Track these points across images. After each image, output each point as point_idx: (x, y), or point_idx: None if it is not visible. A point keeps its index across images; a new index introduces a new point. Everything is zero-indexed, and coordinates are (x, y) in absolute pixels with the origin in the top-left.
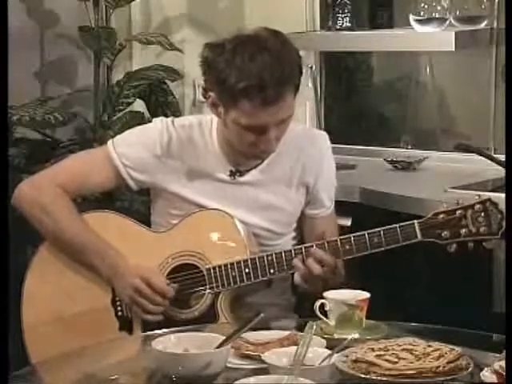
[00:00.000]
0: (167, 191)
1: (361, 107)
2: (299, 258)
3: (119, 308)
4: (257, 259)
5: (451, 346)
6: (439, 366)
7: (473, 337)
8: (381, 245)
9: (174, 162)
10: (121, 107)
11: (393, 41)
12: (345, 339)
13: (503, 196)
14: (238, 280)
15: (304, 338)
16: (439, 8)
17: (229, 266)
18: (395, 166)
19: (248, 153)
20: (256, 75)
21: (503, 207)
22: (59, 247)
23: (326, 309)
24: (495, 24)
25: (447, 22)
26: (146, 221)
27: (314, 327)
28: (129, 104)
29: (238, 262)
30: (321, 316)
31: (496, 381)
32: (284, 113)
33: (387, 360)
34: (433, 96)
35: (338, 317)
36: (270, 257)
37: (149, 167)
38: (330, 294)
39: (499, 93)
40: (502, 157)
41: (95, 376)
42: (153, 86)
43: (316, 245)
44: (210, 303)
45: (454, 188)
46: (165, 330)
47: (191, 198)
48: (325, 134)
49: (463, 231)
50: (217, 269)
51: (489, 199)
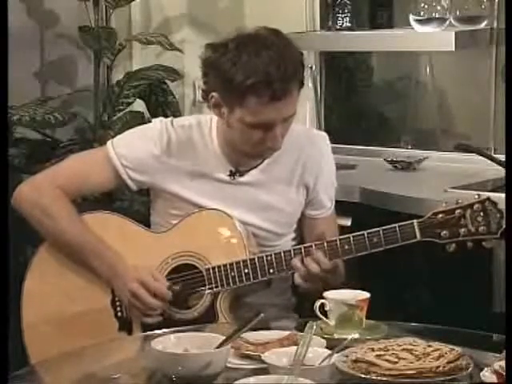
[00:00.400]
0: (167, 191)
1: (361, 107)
2: (298, 258)
3: (119, 309)
4: (256, 259)
5: (451, 346)
6: (439, 366)
7: (473, 337)
8: (380, 245)
9: (174, 163)
10: (121, 107)
11: (393, 41)
12: (345, 339)
13: (503, 196)
14: (238, 280)
15: (304, 338)
16: (439, 8)
17: (228, 267)
18: (395, 166)
19: (253, 152)
20: (263, 71)
21: (502, 207)
22: (59, 248)
23: (326, 309)
24: (495, 24)
25: (447, 22)
26: (146, 221)
27: (314, 327)
28: (129, 104)
29: (238, 263)
30: (321, 316)
31: (496, 381)
32: (290, 109)
33: (387, 360)
34: (433, 96)
35: (338, 317)
36: (270, 257)
37: (148, 168)
38: (330, 294)
39: (499, 93)
40: (502, 157)
41: (95, 376)
42: (153, 86)
43: (315, 245)
44: (210, 303)
45: (454, 188)
46: (165, 330)
47: (191, 199)
48: (324, 135)
49: (462, 231)
50: (216, 269)
51: (488, 198)
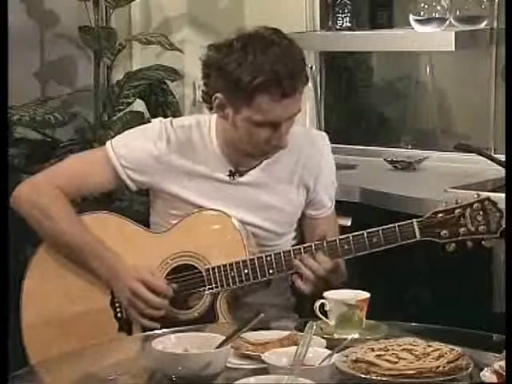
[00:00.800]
0: (166, 192)
1: (361, 107)
2: (299, 259)
3: (118, 309)
4: (256, 260)
5: (451, 346)
6: (439, 366)
7: (473, 337)
8: (380, 244)
9: (173, 163)
10: (121, 107)
11: (393, 41)
12: (345, 339)
13: (503, 196)
14: (237, 280)
15: (304, 338)
16: (439, 8)
17: (228, 267)
18: (395, 166)
19: (257, 151)
20: (270, 69)
21: (502, 206)
22: (57, 249)
23: (326, 309)
24: (495, 24)
25: (447, 22)
26: (146, 221)
27: (314, 327)
28: (129, 104)
29: (237, 263)
30: (321, 316)
31: (496, 381)
32: (296, 106)
33: (387, 360)
34: (433, 96)
35: (338, 317)
36: (269, 257)
37: (147, 168)
38: (330, 294)
39: (499, 93)
40: (502, 157)
41: (95, 376)
42: (153, 86)
43: (315, 245)
44: (210, 304)
45: (454, 188)
46: (165, 330)
47: (190, 199)
48: (324, 135)
49: (462, 230)
50: (216, 269)
51: (487, 198)
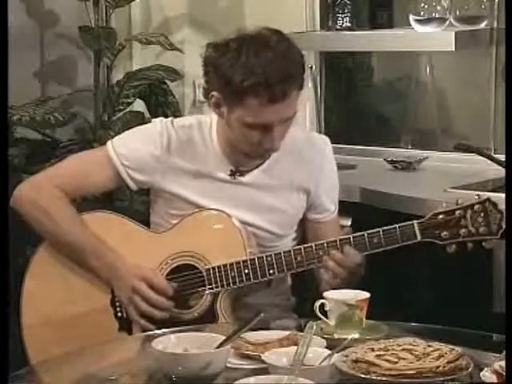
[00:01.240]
0: (167, 191)
1: (361, 107)
2: (328, 254)
3: (118, 309)
4: (256, 260)
5: (451, 346)
6: (439, 366)
7: (473, 337)
8: (380, 245)
9: (174, 163)
10: (121, 107)
11: (393, 41)
12: (345, 339)
13: (503, 196)
14: (238, 280)
15: (304, 338)
16: (439, 8)
17: (228, 267)
18: (395, 166)
19: (251, 152)
20: (262, 72)
21: (503, 207)
22: (58, 248)
23: (326, 309)
24: (495, 24)
25: (447, 22)
26: (146, 221)
27: (314, 327)
28: (129, 104)
29: (238, 263)
30: (321, 316)
31: (496, 381)
32: (289, 111)
33: (387, 360)
34: (433, 96)
35: (338, 317)
36: (270, 257)
37: (148, 167)
38: (330, 294)
39: (499, 93)
40: (502, 157)
41: (95, 376)
42: (153, 86)
43: (315, 245)
44: (210, 304)
45: (454, 188)
46: (165, 330)
47: (191, 199)
48: (326, 138)
49: (462, 231)
50: (216, 269)
51: (488, 199)
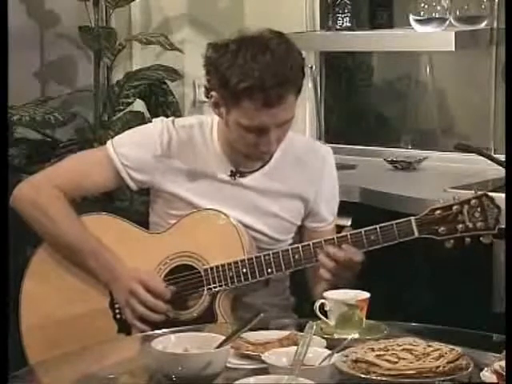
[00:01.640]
0: (167, 191)
1: (361, 107)
2: (324, 252)
3: (117, 311)
4: (254, 259)
5: (451, 346)
6: (439, 366)
7: (473, 337)
8: (378, 242)
9: (174, 163)
10: (121, 107)
11: (393, 41)
12: (345, 339)
13: (503, 196)
14: (236, 280)
15: (304, 338)
16: (439, 8)
17: (226, 267)
18: (395, 166)
19: (249, 153)
20: (258, 76)
21: (499, 202)
22: (56, 249)
23: (326, 309)
24: (495, 24)
25: (447, 22)
26: (146, 221)
27: (314, 327)
28: (129, 104)
29: (236, 262)
30: (321, 316)
31: (496, 381)
32: (285, 114)
33: (387, 360)
34: (433, 96)
35: (338, 317)
36: (268, 256)
37: (148, 167)
38: (330, 294)
39: (499, 93)
40: (502, 157)
41: (95, 376)
42: (153, 86)
43: (313, 243)
44: (209, 304)
45: (454, 188)
46: (165, 330)
47: (190, 199)
48: (329, 149)
49: (460, 227)
50: (214, 269)
51: (485, 194)
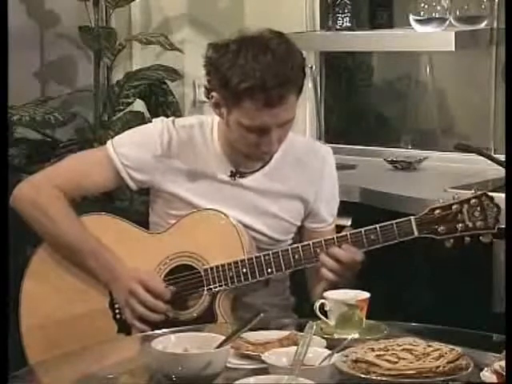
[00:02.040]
0: (167, 191)
1: (361, 107)
2: (326, 253)
3: (117, 311)
4: (254, 259)
5: (451, 346)
6: (439, 366)
7: (473, 337)
8: (378, 241)
9: (174, 163)
10: (121, 107)
11: (393, 41)
12: (345, 339)
13: (503, 196)
14: (236, 280)
15: (304, 338)
16: (439, 8)
17: (226, 266)
18: (395, 166)
19: (250, 153)
20: (259, 76)
21: (499, 202)
22: (56, 248)
23: (326, 309)
24: (495, 24)
25: (447, 22)
26: (146, 221)
27: (314, 327)
28: (129, 104)
29: (236, 262)
30: (321, 316)
31: (496, 381)
32: (286, 115)
33: (387, 360)
34: (433, 96)
35: (338, 317)
36: (267, 256)
37: (149, 167)
38: (330, 294)
39: (499, 93)
40: (502, 157)
41: (95, 376)
42: (153, 86)
43: (313, 243)
44: (208, 304)
45: (454, 188)
46: (165, 330)
47: (190, 199)
48: (329, 149)
49: (460, 226)
50: (214, 269)
51: (484, 193)
